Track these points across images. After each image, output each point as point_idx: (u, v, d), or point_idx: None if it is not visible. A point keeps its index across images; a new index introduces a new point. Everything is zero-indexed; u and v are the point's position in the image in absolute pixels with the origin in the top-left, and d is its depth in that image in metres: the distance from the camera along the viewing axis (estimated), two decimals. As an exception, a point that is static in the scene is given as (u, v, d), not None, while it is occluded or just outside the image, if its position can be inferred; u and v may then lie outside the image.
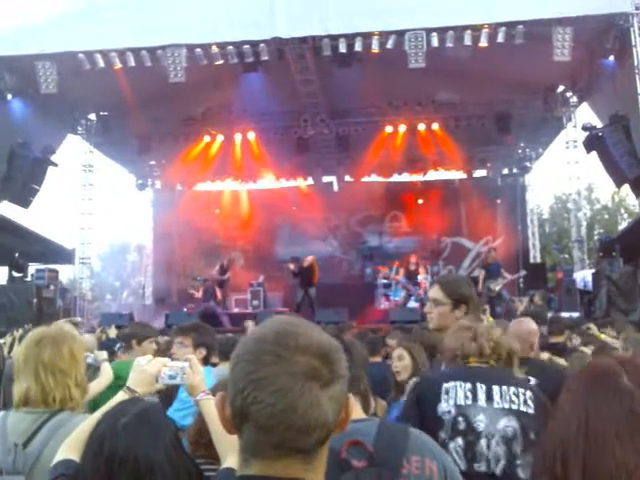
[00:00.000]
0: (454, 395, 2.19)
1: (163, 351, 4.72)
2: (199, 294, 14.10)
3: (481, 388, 2.21)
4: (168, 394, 3.36)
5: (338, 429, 1.05)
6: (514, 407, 2.17)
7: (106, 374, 3.77)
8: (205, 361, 3.43)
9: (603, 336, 6.23)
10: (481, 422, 2.15)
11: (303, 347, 1.02)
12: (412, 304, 13.23)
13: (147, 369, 2.07)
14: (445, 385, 2.22)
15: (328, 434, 1.03)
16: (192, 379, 2.06)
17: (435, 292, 2.80)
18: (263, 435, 1.00)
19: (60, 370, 2.23)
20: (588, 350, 4.80)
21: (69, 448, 1.85)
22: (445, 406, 2.19)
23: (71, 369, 2.26)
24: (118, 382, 3.67)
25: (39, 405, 2.19)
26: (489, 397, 2.19)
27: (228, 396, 1.05)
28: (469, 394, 2.19)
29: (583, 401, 1.08)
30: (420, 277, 13.84)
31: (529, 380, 2.59)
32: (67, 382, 2.23)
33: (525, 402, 2.19)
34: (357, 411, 1.76)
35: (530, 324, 3.80)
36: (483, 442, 2.12)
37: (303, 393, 0.98)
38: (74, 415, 2.18)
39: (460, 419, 2.16)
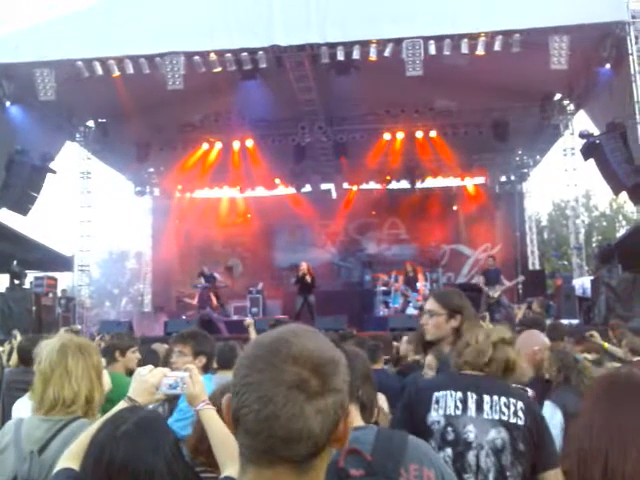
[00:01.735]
0: (444, 405, 2.20)
1: (163, 359, 4.72)
2: (194, 301, 14.03)
3: (472, 398, 2.21)
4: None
5: (338, 444, 1.04)
6: (504, 418, 2.16)
7: (104, 382, 3.76)
8: (205, 369, 3.43)
9: (607, 344, 6.17)
10: (470, 433, 2.15)
11: (294, 357, 1.01)
12: (411, 311, 13.23)
13: (148, 379, 2.08)
14: (436, 394, 2.23)
15: (318, 447, 1.00)
16: (192, 389, 2.07)
17: (431, 304, 2.85)
18: (250, 440, 1.00)
19: (89, 376, 2.30)
20: (590, 357, 4.75)
21: (70, 457, 1.86)
22: (435, 415, 2.19)
23: (99, 375, 2.36)
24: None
25: (59, 411, 2.22)
26: (479, 407, 2.19)
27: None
28: (459, 404, 2.19)
29: (604, 401, 1.08)
30: (419, 284, 13.84)
31: (525, 390, 2.58)
32: (93, 386, 2.30)
33: (515, 413, 2.18)
34: (355, 419, 1.77)
35: (540, 337, 3.80)
36: (472, 454, 2.12)
37: (286, 403, 0.97)
38: (88, 423, 2.19)
39: (449, 429, 2.16)
